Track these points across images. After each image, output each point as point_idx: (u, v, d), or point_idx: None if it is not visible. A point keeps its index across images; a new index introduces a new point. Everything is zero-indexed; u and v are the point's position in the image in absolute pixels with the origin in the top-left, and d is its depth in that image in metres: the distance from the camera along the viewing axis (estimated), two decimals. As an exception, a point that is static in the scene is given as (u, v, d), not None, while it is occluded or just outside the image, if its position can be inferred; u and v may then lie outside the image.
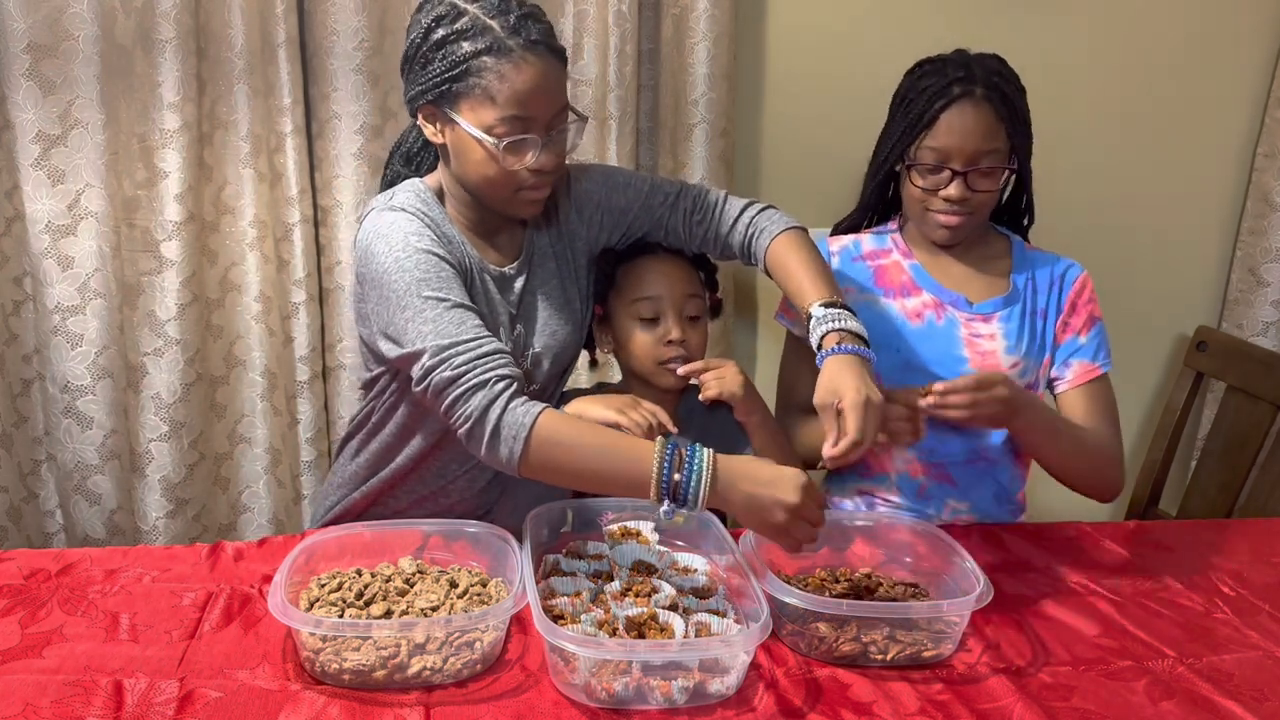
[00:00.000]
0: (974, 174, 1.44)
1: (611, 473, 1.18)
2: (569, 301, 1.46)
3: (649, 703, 1.04)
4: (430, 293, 1.24)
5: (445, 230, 1.34)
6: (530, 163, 1.27)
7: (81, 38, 1.63)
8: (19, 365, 1.81)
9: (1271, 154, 2.06)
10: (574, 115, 1.33)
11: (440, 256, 1.28)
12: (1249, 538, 1.54)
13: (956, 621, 1.15)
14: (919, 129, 1.45)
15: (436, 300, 1.24)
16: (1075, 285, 1.55)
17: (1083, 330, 1.54)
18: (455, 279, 1.28)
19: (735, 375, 1.42)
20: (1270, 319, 2.11)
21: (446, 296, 1.25)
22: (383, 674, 1.05)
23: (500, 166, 1.26)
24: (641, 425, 1.33)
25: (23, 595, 1.22)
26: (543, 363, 1.41)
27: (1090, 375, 1.53)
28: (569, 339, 1.45)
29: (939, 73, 1.46)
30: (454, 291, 1.26)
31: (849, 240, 1.62)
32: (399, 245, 1.27)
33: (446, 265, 1.28)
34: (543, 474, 1.20)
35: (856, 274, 1.58)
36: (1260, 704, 1.09)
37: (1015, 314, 1.53)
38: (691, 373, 1.44)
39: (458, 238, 1.35)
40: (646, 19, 1.81)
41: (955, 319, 1.54)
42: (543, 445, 1.17)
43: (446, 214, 1.36)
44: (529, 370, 1.40)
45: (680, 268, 1.50)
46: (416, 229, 1.29)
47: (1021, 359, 1.52)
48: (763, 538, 1.18)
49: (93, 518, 1.81)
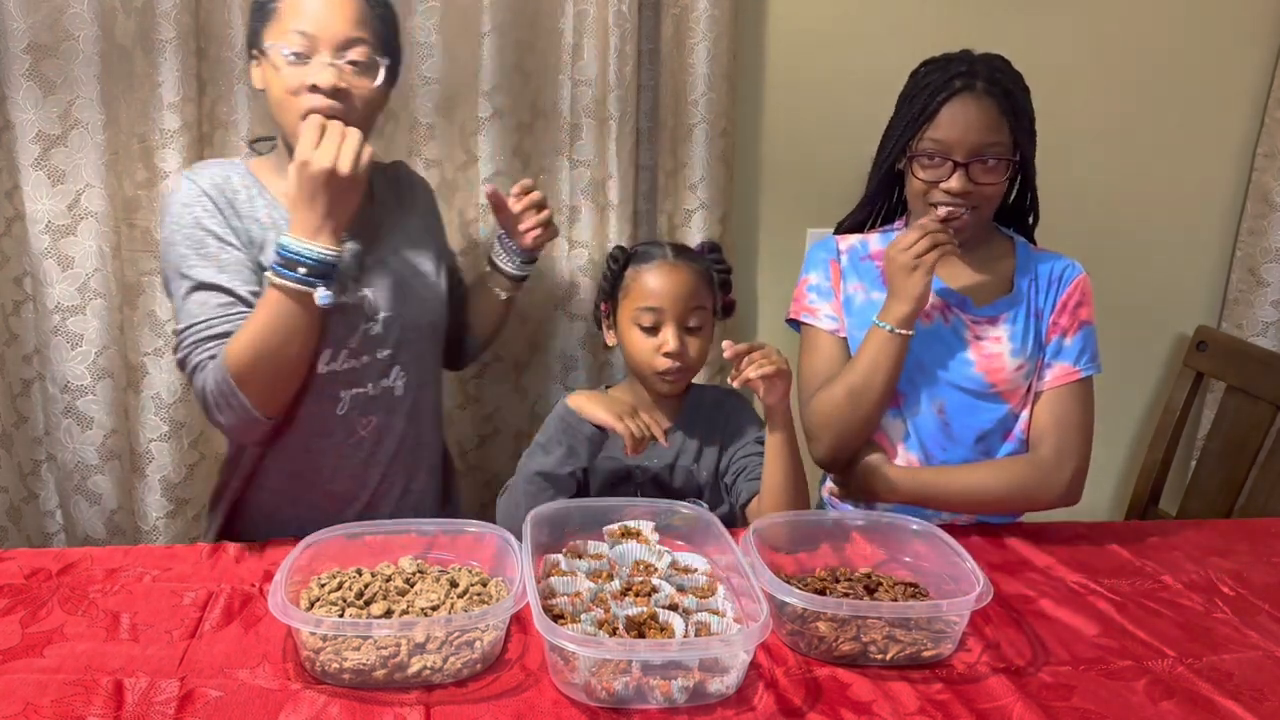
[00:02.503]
0: (976, 167, 1.44)
1: (278, 326, 1.28)
2: (419, 267, 1.51)
3: (649, 702, 1.04)
4: (186, 270, 1.34)
5: (246, 204, 1.39)
6: (312, 77, 1.32)
7: (81, 38, 1.63)
8: (19, 365, 1.81)
9: (1271, 154, 2.06)
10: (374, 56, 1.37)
11: (210, 230, 1.35)
12: (1249, 538, 1.54)
13: (956, 621, 1.15)
14: (921, 121, 1.46)
15: (185, 279, 1.34)
16: (1070, 287, 1.54)
17: (1069, 332, 1.53)
18: (225, 253, 1.35)
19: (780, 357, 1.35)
20: (1270, 319, 2.11)
21: (196, 276, 1.34)
22: (383, 673, 1.05)
23: (286, 83, 1.33)
24: (635, 435, 1.34)
25: (23, 595, 1.22)
26: (395, 326, 1.45)
27: (1068, 378, 1.52)
28: (425, 302, 1.50)
29: (942, 69, 1.47)
30: (207, 270, 1.34)
31: (855, 239, 1.62)
32: (173, 220, 1.37)
33: (214, 240, 1.35)
34: (261, 384, 1.30)
35: (864, 273, 1.59)
36: (1260, 704, 1.09)
37: (1020, 315, 1.54)
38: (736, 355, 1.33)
39: (266, 211, 1.40)
40: (646, 19, 1.81)
41: (961, 321, 1.54)
42: (238, 365, 1.28)
43: (263, 188, 1.42)
44: (380, 335, 1.44)
45: (688, 277, 1.50)
46: (194, 198, 1.37)
47: (1026, 361, 1.53)
48: (762, 537, 1.18)
49: (93, 518, 1.81)
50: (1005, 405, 1.54)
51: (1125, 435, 2.25)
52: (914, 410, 1.55)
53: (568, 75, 1.81)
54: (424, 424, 1.54)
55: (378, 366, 1.45)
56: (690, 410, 1.57)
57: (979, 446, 1.55)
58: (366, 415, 1.46)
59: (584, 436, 1.39)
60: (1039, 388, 1.54)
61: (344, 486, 1.48)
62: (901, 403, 1.56)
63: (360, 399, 1.45)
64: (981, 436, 1.55)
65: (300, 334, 1.31)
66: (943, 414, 1.54)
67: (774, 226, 2.01)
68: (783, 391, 1.35)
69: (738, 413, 1.57)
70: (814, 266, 1.62)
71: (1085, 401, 1.53)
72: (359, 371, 1.44)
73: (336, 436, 1.45)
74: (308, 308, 1.29)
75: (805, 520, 1.36)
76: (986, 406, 1.54)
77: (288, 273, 1.27)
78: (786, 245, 2.01)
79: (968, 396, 1.53)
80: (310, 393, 1.41)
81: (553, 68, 1.82)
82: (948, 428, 1.55)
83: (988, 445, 1.55)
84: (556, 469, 1.40)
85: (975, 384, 1.53)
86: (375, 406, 1.47)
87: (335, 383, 1.42)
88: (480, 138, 1.80)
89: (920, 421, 1.55)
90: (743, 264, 2.00)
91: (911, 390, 1.55)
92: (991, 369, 1.52)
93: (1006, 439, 1.56)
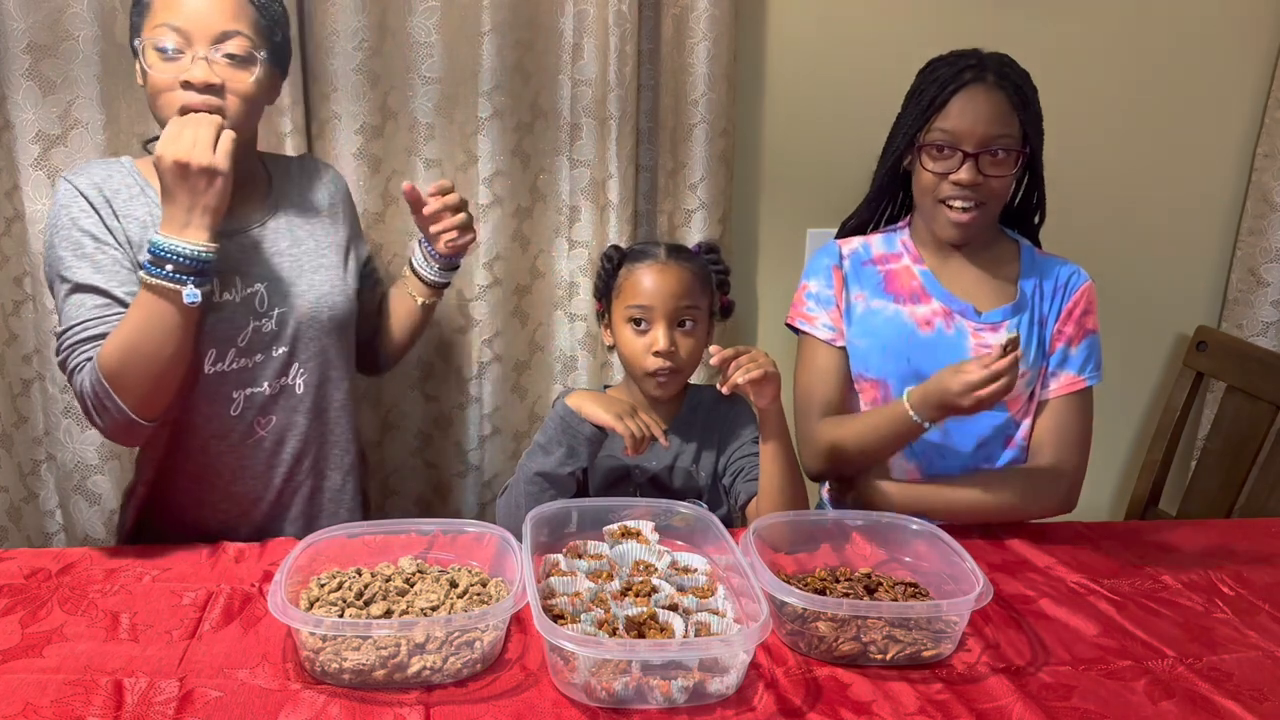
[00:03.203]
0: (986, 158, 1.43)
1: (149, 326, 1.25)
2: (321, 261, 1.47)
3: (649, 702, 1.04)
4: (64, 271, 1.33)
5: (125, 204, 1.37)
6: (183, 73, 1.29)
7: (81, 38, 1.63)
8: (19, 365, 1.81)
9: (1271, 154, 2.06)
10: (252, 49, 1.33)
11: (86, 231, 1.33)
12: (1249, 538, 1.54)
13: (956, 621, 1.15)
14: (930, 112, 1.45)
15: (64, 281, 1.33)
16: (1075, 295, 1.53)
17: (1074, 341, 1.52)
18: (102, 253, 1.33)
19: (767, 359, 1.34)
20: (1270, 319, 2.11)
21: (73, 278, 1.32)
22: (382, 674, 1.05)
23: (159, 79, 1.31)
24: (635, 435, 1.34)
25: (23, 595, 1.22)
26: (289, 322, 1.42)
27: (1072, 387, 1.52)
28: (325, 296, 1.45)
29: (951, 63, 1.47)
30: (83, 271, 1.32)
31: (858, 243, 1.60)
32: (51, 222, 1.36)
33: (90, 240, 1.33)
34: (135, 386, 1.26)
35: (867, 279, 1.57)
36: (1260, 704, 1.09)
37: (1024, 323, 1.52)
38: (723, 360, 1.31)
39: (146, 210, 1.37)
40: (646, 19, 1.81)
41: (964, 328, 1.52)
42: (110, 367, 1.25)
43: (147, 186, 1.39)
44: (274, 332, 1.41)
45: (680, 277, 1.49)
46: (70, 198, 1.35)
47: (1029, 370, 1.51)
48: (762, 537, 1.18)
49: (93, 518, 1.81)
50: (1005, 413, 1.53)
51: (1125, 435, 2.25)
52: None
53: (568, 75, 1.81)
54: (331, 423, 1.51)
55: (273, 365, 1.42)
56: (688, 411, 1.57)
57: (979, 453, 1.54)
58: (266, 415, 1.44)
59: (584, 437, 1.39)
60: (1042, 396, 1.53)
61: (247, 487, 1.46)
62: None
63: (257, 398, 1.42)
64: (981, 444, 1.54)
65: (174, 334, 1.26)
66: (941, 423, 1.53)
67: (774, 226, 2.01)
68: (773, 394, 1.34)
69: (735, 413, 1.56)
70: (815, 273, 1.60)
71: (1086, 411, 1.53)
72: (252, 371, 1.41)
73: (233, 438, 1.42)
74: (179, 306, 1.25)
75: (805, 520, 1.36)
76: (986, 414, 1.50)
77: (157, 270, 1.24)
78: (786, 245, 2.01)
79: None
80: (201, 394, 1.39)
81: (553, 68, 1.82)
82: (947, 437, 1.54)
83: (988, 452, 1.54)
84: (557, 469, 1.40)
85: None
86: (274, 406, 1.44)
87: (225, 383, 1.40)
88: (480, 138, 1.80)
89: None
90: (743, 264, 2.00)
91: None
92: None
93: (1007, 446, 1.54)
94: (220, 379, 1.39)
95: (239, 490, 1.45)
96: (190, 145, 1.23)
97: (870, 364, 1.55)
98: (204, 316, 1.33)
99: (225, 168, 1.25)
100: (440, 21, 1.75)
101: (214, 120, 1.26)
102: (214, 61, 1.31)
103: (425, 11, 1.74)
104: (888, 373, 1.54)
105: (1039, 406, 1.53)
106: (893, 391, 1.54)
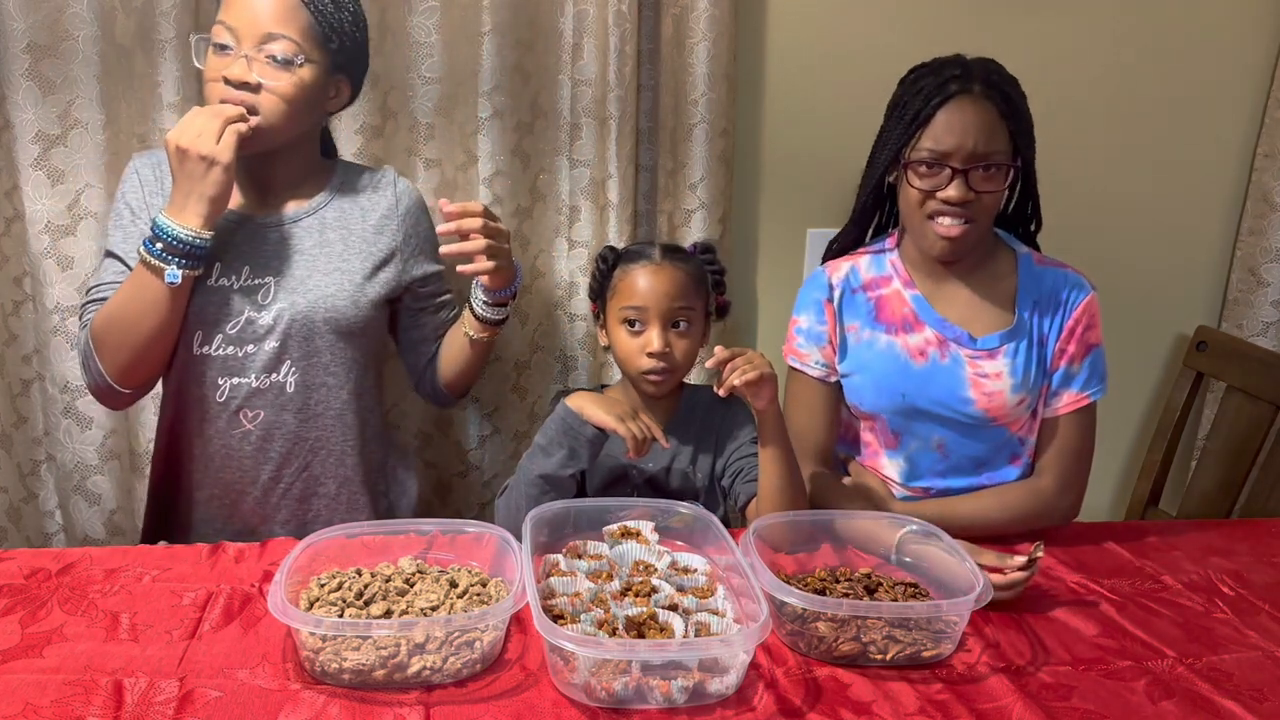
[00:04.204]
0: (975, 173, 1.38)
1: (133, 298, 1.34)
2: (343, 265, 1.48)
3: (649, 702, 1.04)
4: (108, 240, 1.46)
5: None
6: (225, 70, 1.36)
7: (81, 38, 1.63)
8: (19, 365, 1.81)
9: (1271, 154, 2.06)
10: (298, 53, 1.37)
11: (129, 204, 1.45)
12: (1249, 538, 1.54)
13: (956, 621, 1.15)
14: (915, 127, 1.40)
15: (105, 247, 1.46)
16: (1077, 311, 1.48)
17: (1076, 359, 1.49)
18: (135, 226, 1.44)
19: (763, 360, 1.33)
20: (1270, 319, 2.11)
21: (110, 246, 1.45)
22: (382, 674, 1.05)
23: (207, 72, 1.39)
24: (636, 437, 1.34)
25: (23, 595, 1.22)
26: (284, 319, 1.43)
27: (1076, 405, 1.50)
28: (328, 299, 1.45)
29: (935, 73, 1.42)
30: (116, 240, 1.45)
31: (846, 268, 1.55)
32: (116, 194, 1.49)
33: (128, 213, 1.45)
34: (113, 352, 1.36)
35: (857, 308, 1.54)
36: (1260, 704, 1.09)
37: (1020, 348, 1.48)
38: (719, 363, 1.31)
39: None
40: (646, 19, 1.81)
41: (959, 357, 1.48)
42: (96, 330, 1.36)
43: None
44: (268, 326, 1.43)
45: (674, 277, 1.48)
46: (128, 175, 1.48)
47: (1028, 394, 1.49)
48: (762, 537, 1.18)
49: (93, 518, 1.81)
50: (1005, 431, 1.51)
51: (1125, 435, 2.25)
52: (909, 448, 1.54)
53: (568, 75, 1.81)
54: (324, 429, 1.50)
55: (263, 359, 1.43)
56: (685, 412, 1.57)
57: (979, 472, 1.53)
58: (253, 409, 1.45)
59: (585, 439, 1.39)
60: (1045, 414, 1.51)
61: (233, 476, 1.48)
62: (898, 443, 1.54)
63: (243, 389, 1.44)
64: (981, 462, 1.53)
65: (154, 309, 1.34)
66: (942, 449, 1.53)
67: (774, 226, 2.01)
68: (770, 395, 1.34)
69: (733, 414, 1.56)
70: (805, 309, 1.56)
71: (1089, 426, 1.51)
72: (240, 361, 1.43)
73: (220, 423, 1.46)
74: (163, 284, 1.33)
75: (805, 520, 1.36)
76: (985, 434, 1.51)
77: (150, 246, 1.32)
78: (786, 245, 2.00)
79: (967, 427, 1.50)
80: (190, 375, 1.44)
81: (553, 68, 1.82)
82: (947, 459, 1.53)
83: (989, 469, 1.53)
84: (558, 471, 1.40)
85: (975, 418, 1.49)
86: (262, 400, 1.45)
87: (211, 368, 1.43)
88: (480, 138, 1.80)
89: (917, 455, 1.54)
90: (742, 264, 2.00)
91: (908, 432, 1.52)
92: (992, 405, 1.48)
93: (1012, 462, 1.53)
94: (204, 362, 1.43)
95: (226, 478, 1.49)
96: (195, 134, 1.29)
97: (864, 398, 1.53)
98: (194, 298, 1.39)
99: (225, 160, 1.30)
100: (440, 21, 1.75)
101: (226, 113, 1.32)
102: (255, 60, 1.36)
103: (425, 11, 1.74)
104: (881, 407, 1.52)
105: (1043, 424, 1.52)
106: (888, 426, 1.53)
